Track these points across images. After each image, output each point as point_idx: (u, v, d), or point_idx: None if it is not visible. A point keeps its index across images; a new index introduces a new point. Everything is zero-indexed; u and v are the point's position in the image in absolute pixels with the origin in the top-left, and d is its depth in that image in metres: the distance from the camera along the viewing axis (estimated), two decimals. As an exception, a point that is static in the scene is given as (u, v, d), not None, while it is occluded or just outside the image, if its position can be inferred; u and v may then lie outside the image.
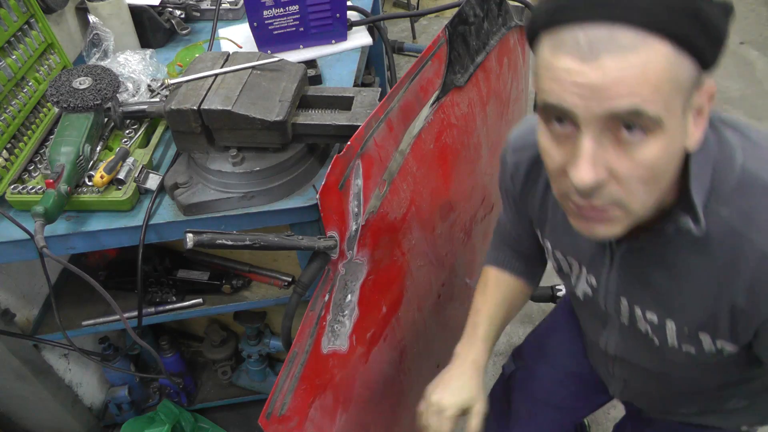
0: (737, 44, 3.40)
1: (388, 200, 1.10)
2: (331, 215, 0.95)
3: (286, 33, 1.50)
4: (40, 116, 1.29)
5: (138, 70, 1.38)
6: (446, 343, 1.76)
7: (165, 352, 1.75)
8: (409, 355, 1.39)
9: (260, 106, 1.09)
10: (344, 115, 1.13)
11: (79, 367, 1.73)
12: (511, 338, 2.07)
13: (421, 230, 1.27)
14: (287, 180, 1.14)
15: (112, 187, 1.14)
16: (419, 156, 1.21)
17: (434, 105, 1.25)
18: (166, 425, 1.70)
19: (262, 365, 1.81)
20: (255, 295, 1.48)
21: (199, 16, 1.72)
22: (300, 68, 1.20)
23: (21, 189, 1.14)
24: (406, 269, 1.24)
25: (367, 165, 1.01)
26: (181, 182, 1.14)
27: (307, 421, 1.00)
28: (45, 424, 1.68)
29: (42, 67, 1.32)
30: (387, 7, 3.95)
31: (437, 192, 1.32)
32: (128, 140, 1.24)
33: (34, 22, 1.29)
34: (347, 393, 1.13)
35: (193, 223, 1.13)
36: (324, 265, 0.99)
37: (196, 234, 0.87)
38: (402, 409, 1.51)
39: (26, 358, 1.49)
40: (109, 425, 1.83)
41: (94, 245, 1.16)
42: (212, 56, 1.21)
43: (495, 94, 1.57)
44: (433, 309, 1.48)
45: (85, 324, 1.46)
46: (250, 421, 1.89)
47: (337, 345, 1.05)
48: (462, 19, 1.31)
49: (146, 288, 1.48)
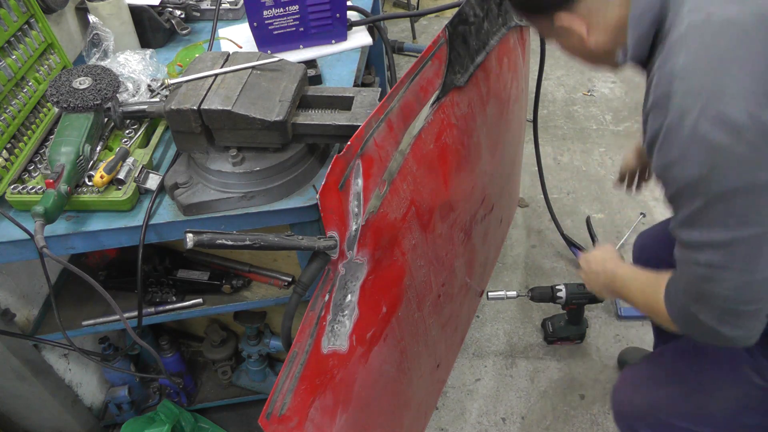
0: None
1: (388, 200, 1.10)
2: (331, 215, 0.95)
3: (286, 33, 1.50)
4: (40, 116, 1.29)
5: (138, 70, 1.38)
6: (446, 343, 1.77)
7: (165, 352, 1.75)
8: (409, 355, 1.39)
9: (260, 106, 1.09)
10: (344, 115, 1.13)
11: (79, 367, 1.73)
12: (511, 338, 2.08)
13: (421, 230, 1.27)
14: (287, 180, 1.14)
15: (112, 187, 1.14)
16: (419, 156, 1.21)
17: (434, 105, 1.25)
18: (166, 425, 1.70)
19: (262, 365, 1.81)
20: (255, 295, 1.48)
21: (199, 16, 1.73)
22: (300, 68, 1.20)
23: (21, 189, 1.14)
24: (406, 269, 1.24)
25: (367, 165, 1.01)
26: (181, 182, 1.14)
27: (307, 421, 1.00)
28: (45, 424, 1.68)
29: (42, 67, 1.32)
30: (387, 7, 3.95)
31: (437, 192, 1.32)
32: (128, 140, 1.24)
33: (34, 22, 1.30)
34: (347, 393, 1.13)
35: (193, 223, 1.14)
36: (324, 265, 0.99)
37: (196, 234, 0.87)
38: (402, 408, 1.51)
39: (26, 358, 1.49)
40: (109, 425, 1.83)
41: (94, 245, 1.16)
42: (212, 56, 1.21)
43: (495, 94, 1.57)
44: (433, 309, 1.48)
45: (85, 324, 1.46)
46: (250, 421, 1.89)
47: (337, 345, 1.05)
48: (462, 19, 1.31)
49: (146, 288, 1.48)
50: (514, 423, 1.86)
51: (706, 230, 0.80)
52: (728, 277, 0.80)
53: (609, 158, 2.75)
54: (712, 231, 0.79)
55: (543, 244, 2.39)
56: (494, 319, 2.14)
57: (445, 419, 1.88)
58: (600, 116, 2.99)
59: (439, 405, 1.91)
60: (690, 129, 0.75)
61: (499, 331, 2.11)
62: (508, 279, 2.27)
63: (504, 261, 2.33)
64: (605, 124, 2.95)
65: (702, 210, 0.79)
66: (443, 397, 1.93)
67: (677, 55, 0.77)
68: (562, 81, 3.23)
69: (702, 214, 0.79)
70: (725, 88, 0.73)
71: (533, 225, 2.47)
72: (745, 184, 0.75)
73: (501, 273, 2.29)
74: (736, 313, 0.83)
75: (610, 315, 2.11)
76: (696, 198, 0.78)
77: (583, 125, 2.94)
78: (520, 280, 2.26)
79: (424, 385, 1.64)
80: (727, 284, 0.81)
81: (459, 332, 1.93)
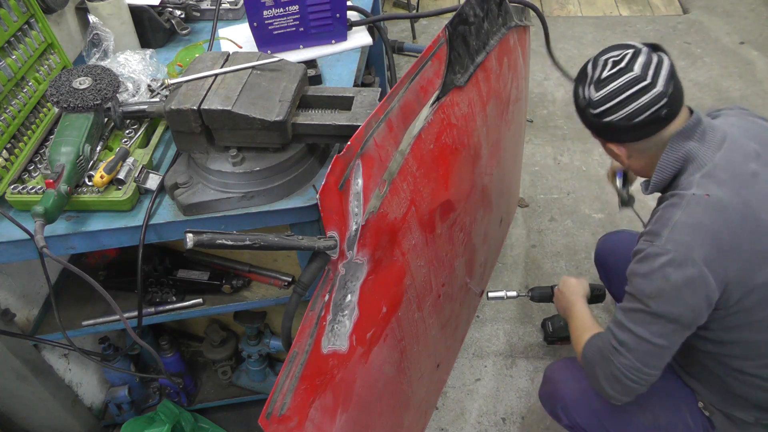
0: (737, 44, 3.40)
1: (388, 200, 1.10)
2: (331, 215, 0.95)
3: (286, 33, 1.50)
4: (40, 116, 1.29)
5: (138, 70, 1.38)
6: (446, 343, 1.77)
7: (165, 352, 1.75)
8: (409, 355, 1.39)
9: (260, 106, 1.09)
10: (344, 115, 1.13)
11: (79, 367, 1.73)
12: (511, 338, 2.08)
13: (421, 230, 1.27)
14: (287, 180, 1.14)
15: (112, 187, 1.14)
16: (419, 156, 1.21)
17: (434, 105, 1.25)
18: (166, 425, 1.70)
19: (262, 365, 1.81)
20: (255, 295, 1.48)
21: (199, 16, 1.73)
22: (300, 68, 1.20)
23: (21, 189, 1.14)
24: (406, 269, 1.24)
25: (367, 165, 1.01)
26: (181, 182, 1.14)
27: (307, 421, 1.00)
28: (45, 424, 1.68)
29: (42, 67, 1.32)
30: (387, 7, 3.95)
31: (437, 192, 1.32)
32: (128, 140, 1.24)
33: (34, 22, 1.29)
34: (347, 393, 1.13)
35: (193, 223, 1.14)
36: (324, 265, 0.99)
37: (196, 234, 0.87)
38: (402, 408, 1.51)
39: (26, 358, 1.49)
40: (109, 425, 1.83)
41: (94, 245, 1.16)
42: (212, 56, 1.21)
43: (495, 94, 1.57)
44: (433, 309, 1.48)
45: (85, 324, 1.46)
46: (250, 421, 1.89)
47: (337, 345, 1.05)
48: (462, 19, 1.31)
49: (146, 288, 1.48)
50: (514, 423, 1.86)
51: (634, 324, 1.11)
52: (629, 357, 1.12)
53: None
54: (638, 327, 1.11)
55: (543, 244, 2.39)
56: (494, 319, 2.14)
57: (445, 419, 1.88)
58: (600, 116, 2.98)
59: (439, 405, 1.91)
60: (660, 264, 1.06)
61: (499, 331, 2.11)
62: (508, 279, 2.27)
63: (504, 261, 2.33)
64: (605, 124, 2.95)
65: (639, 311, 1.11)
66: (443, 397, 1.93)
67: (677, 211, 1.08)
68: (562, 81, 3.23)
69: (638, 313, 1.11)
70: (693, 249, 1.04)
71: (533, 225, 2.47)
72: (672, 315, 1.08)
73: (501, 273, 2.29)
74: (620, 381, 1.15)
75: (609, 315, 2.11)
76: (640, 303, 1.10)
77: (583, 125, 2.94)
78: (520, 280, 2.26)
79: (424, 385, 1.64)
80: (625, 361, 1.13)
81: (459, 332, 1.93)
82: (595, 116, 1.14)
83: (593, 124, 1.17)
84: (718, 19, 3.64)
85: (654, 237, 1.09)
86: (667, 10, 3.79)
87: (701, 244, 1.04)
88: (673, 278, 1.05)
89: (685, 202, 1.08)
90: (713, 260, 1.04)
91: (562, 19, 3.78)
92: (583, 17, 3.77)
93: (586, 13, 3.83)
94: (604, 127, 1.14)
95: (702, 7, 3.78)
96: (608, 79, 1.10)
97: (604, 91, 1.11)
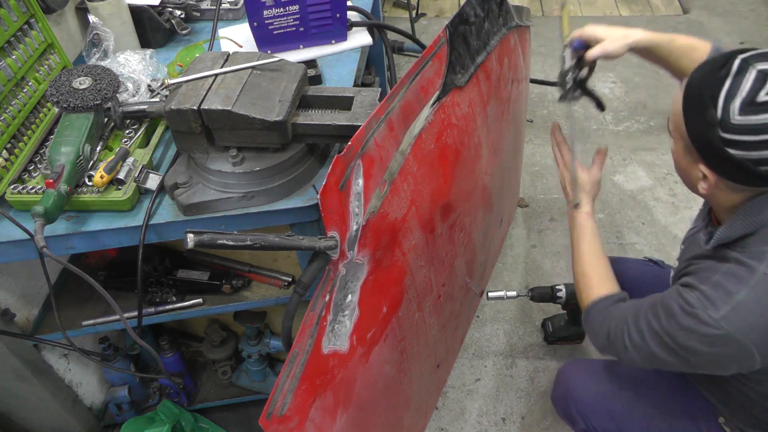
0: (737, 44, 3.40)
1: (388, 200, 1.10)
2: (332, 215, 0.95)
3: (286, 33, 1.50)
4: (40, 116, 1.29)
5: (138, 70, 1.38)
6: (446, 343, 1.77)
7: (165, 352, 1.75)
8: (409, 355, 1.39)
9: (260, 106, 1.09)
10: (344, 115, 1.13)
11: (79, 367, 1.73)
12: (511, 338, 2.07)
13: (421, 230, 1.27)
14: (287, 180, 1.14)
15: (112, 187, 1.14)
16: (420, 156, 1.21)
17: (435, 105, 1.25)
18: (166, 425, 1.70)
19: (262, 365, 1.81)
20: (255, 295, 1.47)
21: (199, 16, 1.72)
22: (300, 68, 1.20)
23: (21, 189, 1.13)
24: (406, 269, 1.24)
25: (367, 165, 1.01)
26: (181, 182, 1.14)
27: (307, 421, 1.00)
28: (45, 424, 1.68)
29: (42, 67, 1.32)
30: (387, 7, 3.95)
31: (437, 192, 1.32)
32: (128, 140, 1.24)
33: (34, 22, 1.29)
34: (348, 393, 1.13)
35: (193, 223, 1.13)
36: (324, 266, 0.99)
37: (196, 234, 0.86)
38: (402, 408, 1.51)
39: (26, 358, 1.49)
40: (109, 425, 1.83)
41: (94, 245, 1.16)
42: (212, 56, 1.21)
43: (495, 94, 1.57)
44: (434, 309, 1.48)
45: (85, 324, 1.46)
46: (250, 421, 1.89)
47: (337, 345, 1.05)
48: (463, 19, 1.31)
49: (146, 288, 1.48)
50: (514, 423, 1.86)
51: (655, 344, 1.06)
52: (635, 357, 1.11)
53: (609, 158, 2.74)
54: (657, 348, 1.05)
55: (543, 244, 2.39)
56: (494, 319, 2.14)
57: (445, 419, 1.88)
58: (600, 116, 2.98)
59: (439, 405, 1.91)
60: (709, 333, 0.97)
61: (499, 331, 2.11)
62: (508, 279, 2.27)
63: (504, 261, 2.33)
64: (605, 124, 2.95)
65: (665, 344, 1.04)
66: (443, 397, 1.93)
67: (743, 289, 0.96)
68: (562, 81, 3.23)
69: (663, 340, 1.04)
70: (749, 334, 0.95)
71: (533, 225, 2.47)
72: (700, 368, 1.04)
73: (501, 273, 2.29)
74: (618, 359, 1.16)
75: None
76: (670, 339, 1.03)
77: (583, 125, 2.94)
78: (520, 280, 2.26)
79: (425, 385, 1.64)
80: (630, 356, 1.11)
81: (459, 332, 1.93)
82: (721, 139, 0.90)
83: (707, 142, 0.93)
84: (718, 19, 3.64)
85: (710, 305, 0.97)
86: (667, 10, 3.79)
87: (759, 328, 0.95)
88: (717, 350, 0.98)
89: (754, 280, 0.95)
90: (766, 343, 0.96)
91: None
92: (583, 17, 3.77)
93: (586, 14, 3.83)
94: (721, 154, 0.92)
95: (702, 7, 3.78)
96: (766, 106, 0.86)
97: (755, 120, 0.87)
